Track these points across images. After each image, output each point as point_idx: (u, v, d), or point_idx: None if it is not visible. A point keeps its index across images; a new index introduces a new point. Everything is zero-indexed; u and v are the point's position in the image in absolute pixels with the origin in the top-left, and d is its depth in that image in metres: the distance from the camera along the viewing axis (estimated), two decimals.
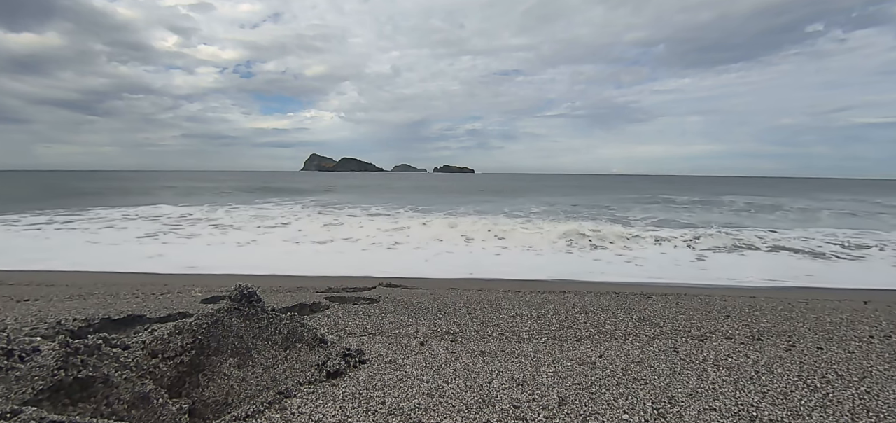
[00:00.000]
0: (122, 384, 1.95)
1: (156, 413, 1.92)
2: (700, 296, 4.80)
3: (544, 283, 6.55)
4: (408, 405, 2.15)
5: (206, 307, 2.61)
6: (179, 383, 2.25)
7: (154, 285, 5.27)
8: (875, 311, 4.10)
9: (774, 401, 2.25)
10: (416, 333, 3.36)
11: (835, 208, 21.20)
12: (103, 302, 4.13)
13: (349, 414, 2.05)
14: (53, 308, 3.80)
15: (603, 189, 40.39)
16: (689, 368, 2.68)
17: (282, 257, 8.95)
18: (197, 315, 2.50)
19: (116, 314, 3.39)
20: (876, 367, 2.71)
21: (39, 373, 1.88)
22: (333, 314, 3.72)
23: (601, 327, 3.56)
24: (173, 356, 2.30)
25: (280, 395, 2.15)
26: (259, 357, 2.44)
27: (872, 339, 3.27)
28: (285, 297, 4.36)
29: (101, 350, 2.04)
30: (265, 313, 2.61)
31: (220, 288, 4.85)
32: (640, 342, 3.20)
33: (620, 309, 4.07)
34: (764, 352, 2.98)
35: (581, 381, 2.46)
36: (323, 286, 5.13)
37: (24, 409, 1.66)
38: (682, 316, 3.84)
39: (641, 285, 6.37)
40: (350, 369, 2.53)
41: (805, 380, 2.50)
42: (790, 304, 4.42)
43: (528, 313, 3.89)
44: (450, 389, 2.34)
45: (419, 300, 4.30)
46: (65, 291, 4.72)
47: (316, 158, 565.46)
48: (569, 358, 2.83)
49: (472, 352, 2.93)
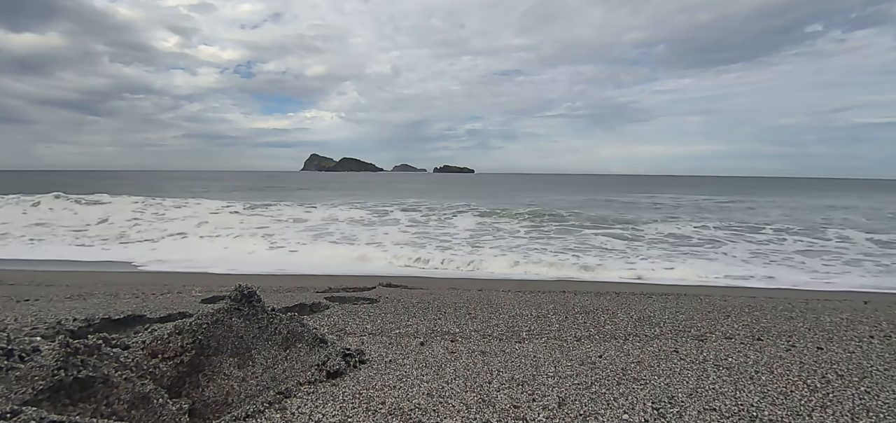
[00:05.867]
0: (122, 384, 1.95)
1: (156, 413, 1.92)
2: (700, 296, 4.80)
3: (544, 283, 6.55)
4: (408, 405, 2.15)
5: (206, 307, 2.61)
6: (179, 383, 2.25)
7: (154, 285, 5.27)
8: (875, 311, 4.11)
9: (774, 401, 2.25)
10: (416, 333, 3.36)
11: (783, 209, 21.31)
12: (103, 302, 4.13)
13: (349, 414, 2.05)
14: (53, 308, 3.80)
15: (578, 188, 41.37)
16: (689, 368, 2.68)
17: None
18: (197, 315, 2.50)
19: (116, 314, 3.39)
20: (876, 367, 2.71)
21: (39, 373, 1.88)
22: (333, 314, 3.72)
23: (601, 327, 3.56)
24: (173, 356, 2.30)
25: (280, 395, 2.15)
26: (259, 357, 2.44)
27: (872, 339, 3.27)
28: (285, 297, 4.36)
29: (101, 350, 2.04)
30: (265, 313, 2.61)
31: (220, 288, 4.85)
32: (640, 342, 3.19)
33: (620, 309, 4.07)
34: (764, 352, 2.98)
35: (581, 381, 2.46)
36: (323, 286, 5.12)
37: (24, 409, 1.65)
38: (682, 316, 3.84)
39: (641, 285, 6.37)
40: (350, 369, 2.53)
41: (805, 380, 2.50)
42: (790, 304, 4.42)
43: (528, 313, 3.89)
44: (450, 389, 2.33)
45: (419, 300, 4.30)
46: (65, 291, 4.72)
47: (316, 159, 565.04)
48: (569, 358, 2.83)
49: (472, 352, 2.93)
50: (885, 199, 29.85)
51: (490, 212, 16.24)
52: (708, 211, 19.68)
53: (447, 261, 8.40)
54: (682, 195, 31.72)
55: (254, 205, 18.00)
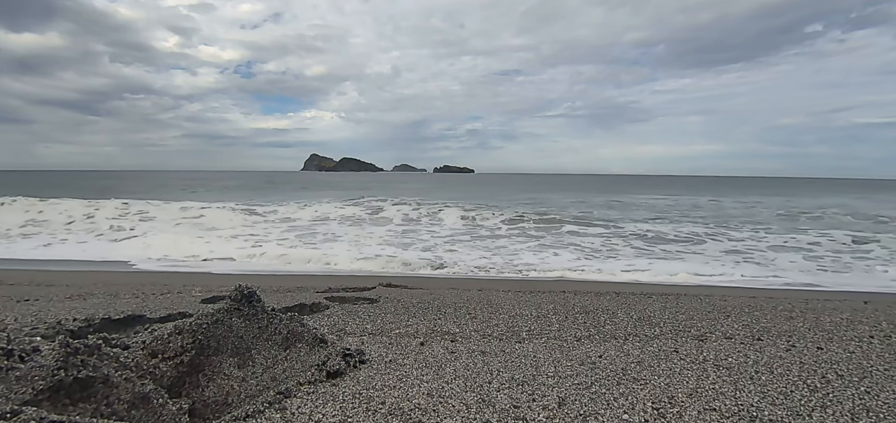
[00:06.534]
0: (122, 384, 1.95)
1: (156, 413, 1.92)
2: (700, 296, 4.80)
3: (544, 283, 6.55)
4: (408, 405, 2.15)
5: (206, 307, 2.61)
6: (179, 383, 2.25)
7: (154, 285, 5.27)
8: (875, 311, 4.11)
9: (774, 401, 2.25)
10: (416, 333, 3.36)
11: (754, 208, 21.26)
12: (103, 302, 4.13)
13: (349, 414, 2.05)
14: (53, 308, 3.80)
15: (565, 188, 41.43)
16: (689, 368, 2.68)
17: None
18: (197, 315, 2.50)
19: (116, 314, 3.39)
20: (876, 367, 2.71)
21: (39, 373, 1.88)
22: (333, 314, 3.72)
23: (601, 327, 3.56)
24: (173, 356, 2.30)
25: (280, 395, 2.15)
26: (259, 357, 2.44)
27: (872, 339, 3.27)
28: (285, 297, 4.36)
29: (101, 350, 2.04)
30: (265, 313, 2.61)
31: (220, 288, 4.85)
32: (640, 342, 3.19)
33: (620, 309, 4.07)
34: (764, 352, 2.98)
35: (581, 381, 2.46)
36: (323, 286, 5.13)
37: (24, 409, 1.65)
38: (682, 316, 3.84)
39: (641, 285, 6.37)
40: (350, 369, 2.53)
41: (805, 380, 2.50)
42: (790, 304, 4.42)
43: (528, 313, 3.89)
44: (450, 389, 2.33)
45: (419, 300, 4.30)
46: (65, 291, 4.72)
47: (316, 159, 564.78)
48: (569, 358, 2.83)
49: (472, 352, 2.93)
50: (883, 199, 29.80)
51: (470, 213, 15.57)
52: (695, 210, 19.63)
53: (414, 263, 8.39)
54: (678, 195, 31.60)
55: (246, 204, 17.96)
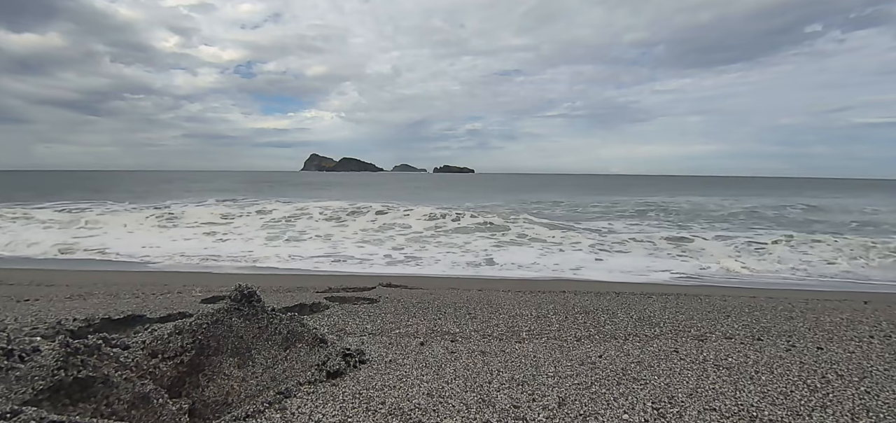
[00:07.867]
0: (122, 384, 1.95)
1: (156, 413, 1.92)
2: (700, 296, 4.80)
3: (544, 283, 6.55)
4: (408, 405, 2.15)
5: (206, 307, 2.61)
6: (179, 383, 2.25)
7: (154, 285, 5.27)
8: (875, 311, 4.11)
9: (774, 401, 2.25)
10: (416, 333, 3.36)
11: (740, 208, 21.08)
12: (103, 302, 4.13)
13: (349, 414, 2.05)
14: (53, 308, 3.80)
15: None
16: (689, 368, 2.68)
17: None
18: (197, 315, 2.50)
19: (116, 314, 3.39)
20: (876, 367, 2.71)
21: (39, 373, 1.88)
22: (333, 314, 3.72)
23: (601, 327, 3.56)
24: (173, 356, 2.30)
25: (280, 395, 2.15)
26: (259, 357, 2.44)
27: (872, 339, 3.27)
28: (285, 297, 4.36)
29: (101, 350, 2.04)
30: (265, 313, 2.61)
31: (220, 288, 4.85)
32: (640, 342, 3.19)
33: (620, 309, 4.07)
34: (764, 352, 2.98)
35: (581, 381, 2.46)
36: (323, 286, 5.13)
37: (24, 409, 1.65)
38: (682, 316, 3.84)
39: (641, 285, 6.37)
40: (350, 369, 2.53)
41: (805, 380, 2.50)
42: (790, 304, 4.42)
43: (528, 313, 3.89)
44: (450, 389, 2.33)
45: (419, 300, 4.30)
46: (65, 291, 4.72)
47: (316, 158, 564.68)
48: (569, 358, 2.83)
49: (472, 352, 2.93)
50: (883, 199, 29.76)
51: (436, 214, 14.53)
52: (667, 211, 19.29)
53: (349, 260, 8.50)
54: (653, 196, 30.59)
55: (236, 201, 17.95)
